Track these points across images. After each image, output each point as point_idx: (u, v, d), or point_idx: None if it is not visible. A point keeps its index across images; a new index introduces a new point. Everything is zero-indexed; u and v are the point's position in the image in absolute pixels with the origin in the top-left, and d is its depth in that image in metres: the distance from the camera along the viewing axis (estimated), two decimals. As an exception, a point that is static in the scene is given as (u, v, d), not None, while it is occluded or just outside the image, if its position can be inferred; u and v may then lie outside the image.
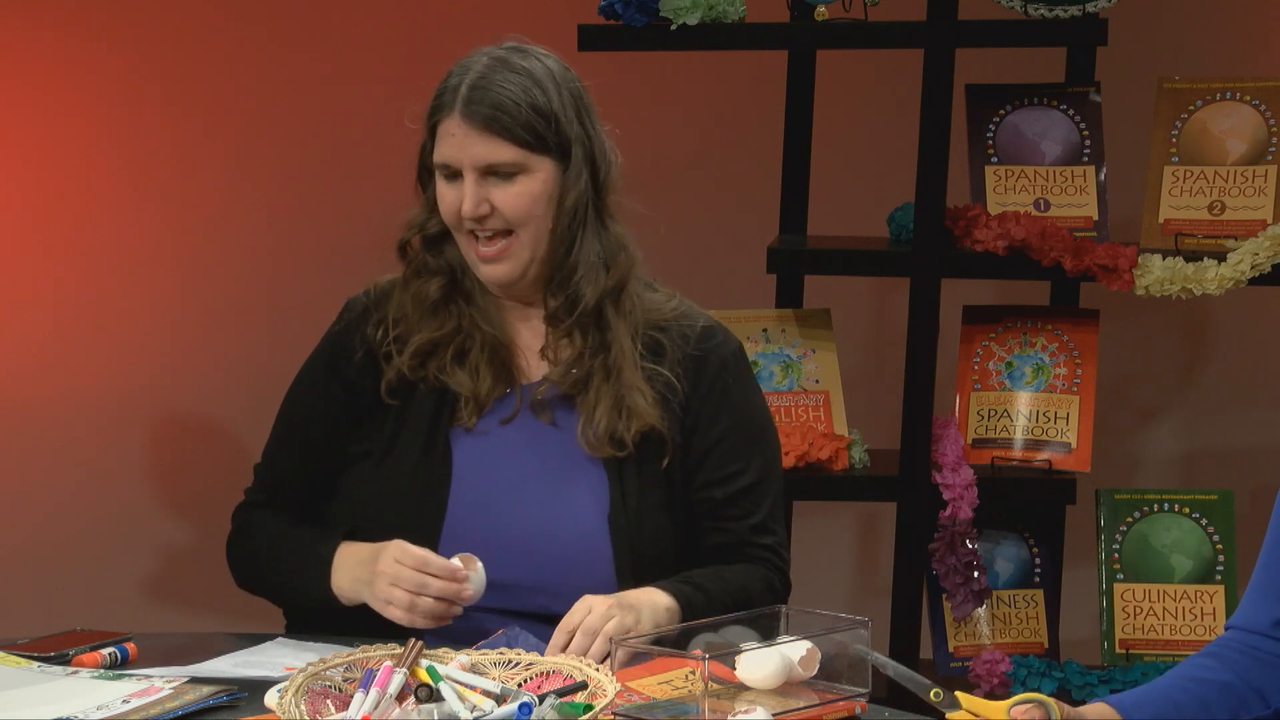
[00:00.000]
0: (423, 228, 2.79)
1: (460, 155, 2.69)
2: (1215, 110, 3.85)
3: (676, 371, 2.76)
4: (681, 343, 2.78)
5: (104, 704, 2.30)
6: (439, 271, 2.77)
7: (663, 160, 4.44)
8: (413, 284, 2.78)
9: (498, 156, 2.69)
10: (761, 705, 2.21)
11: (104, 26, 4.48)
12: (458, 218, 2.71)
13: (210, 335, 4.52)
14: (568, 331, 2.75)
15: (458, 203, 2.70)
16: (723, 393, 2.78)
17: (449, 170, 2.71)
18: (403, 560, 2.60)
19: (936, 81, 3.72)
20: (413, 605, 2.58)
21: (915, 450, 3.79)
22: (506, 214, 2.70)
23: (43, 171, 4.49)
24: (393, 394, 2.76)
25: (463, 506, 2.71)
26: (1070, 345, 3.91)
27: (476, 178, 2.69)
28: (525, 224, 2.71)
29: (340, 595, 2.69)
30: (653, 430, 2.72)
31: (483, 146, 2.69)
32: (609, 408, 2.71)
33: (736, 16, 3.73)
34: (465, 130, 2.69)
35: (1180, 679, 2.37)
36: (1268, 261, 3.71)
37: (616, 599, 2.57)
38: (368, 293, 2.84)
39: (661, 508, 2.73)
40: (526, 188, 2.70)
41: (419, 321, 2.76)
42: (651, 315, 2.79)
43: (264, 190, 4.52)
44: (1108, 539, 3.89)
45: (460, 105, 2.69)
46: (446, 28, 4.43)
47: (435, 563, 2.59)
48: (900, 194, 3.87)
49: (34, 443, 4.52)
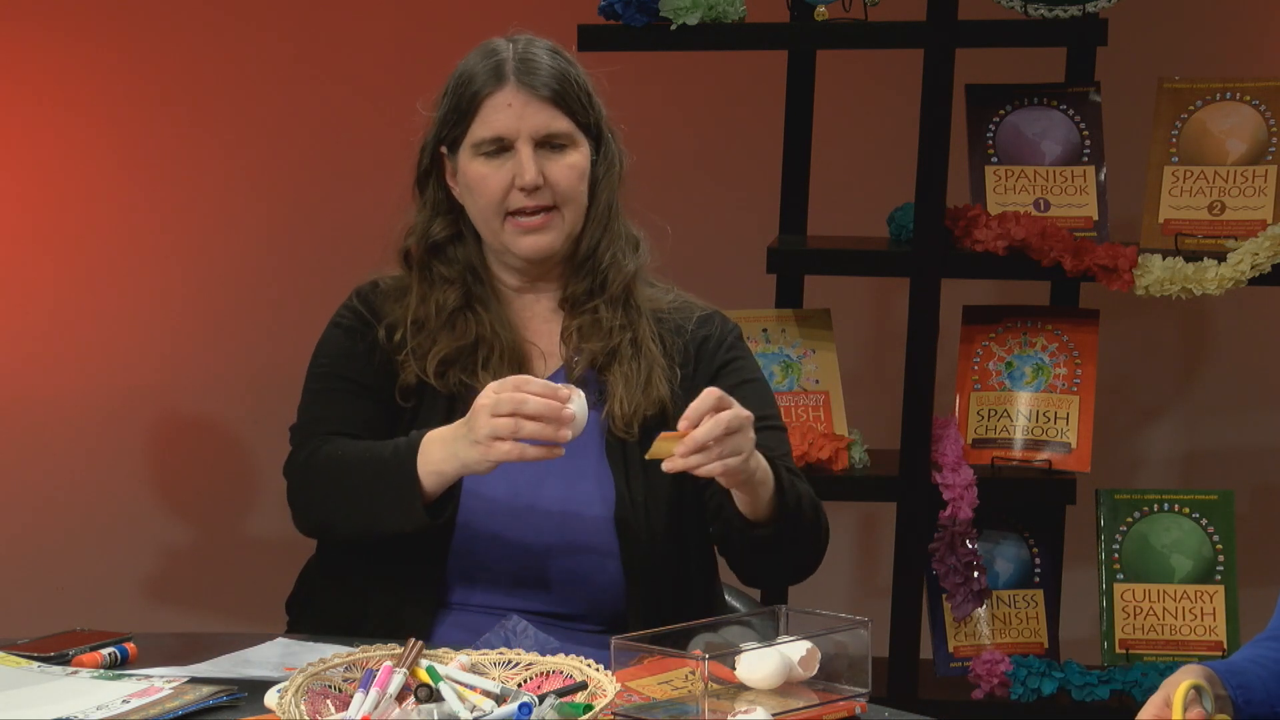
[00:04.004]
0: (427, 233, 2.79)
1: (519, 125, 2.71)
2: (1215, 110, 3.85)
3: (677, 359, 2.77)
4: (681, 331, 2.80)
5: (104, 704, 2.30)
6: (453, 280, 2.78)
7: (663, 160, 4.43)
8: (430, 294, 2.78)
9: (556, 126, 2.72)
10: (761, 705, 2.22)
11: (104, 27, 4.48)
12: (505, 193, 2.71)
13: (211, 335, 4.52)
14: (594, 310, 2.76)
15: (506, 179, 2.71)
16: (731, 363, 2.80)
17: (500, 144, 2.72)
18: (500, 387, 2.53)
19: (936, 81, 3.72)
20: (518, 428, 2.51)
21: (915, 450, 3.79)
22: (558, 185, 2.72)
23: (43, 171, 4.49)
24: (406, 397, 2.76)
25: (475, 505, 2.71)
26: (1070, 345, 3.91)
27: (533, 148, 2.71)
28: (570, 200, 2.73)
29: (433, 470, 2.60)
30: (663, 411, 2.72)
31: (543, 115, 2.71)
32: (638, 385, 2.72)
33: (736, 16, 3.73)
34: (524, 99, 2.71)
35: (1257, 657, 2.30)
36: (1268, 261, 3.71)
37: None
38: (374, 289, 2.84)
39: (665, 499, 2.73)
40: (575, 161, 2.74)
41: (438, 330, 2.76)
42: (652, 307, 2.80)
43: (264, 190, 4.53)
44: (1108, 539, 3.89)
45: (515, 76, 2.72)
46: (447, 28, 4.43)
47: (534, 381, 2.53)
48: (900, 194, 3.87)
49: (34, 442, 4.52)
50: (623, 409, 2.72)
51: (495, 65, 2.73)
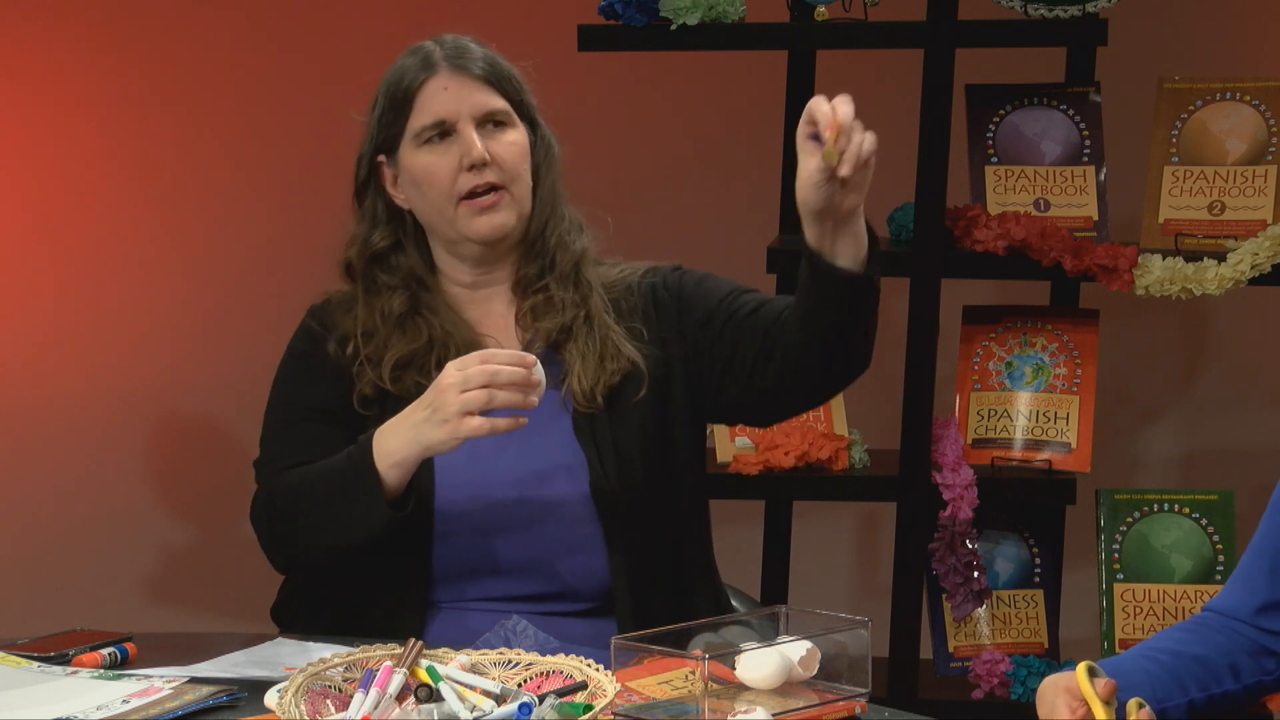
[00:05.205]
0: (368, 243, 2.84)
1: (457, 106, 2.77)
2: (1215, 110, 3.85)
3: (638, 316, 2.81)
4: (631, 290, 2.84)
5: (104, 704, 2.30)
6: (397, 286, 2.81)
7: (663, 160, 4.44)
8: (375, 302, 2.81)
9: (494, 104, 2.79)
10: (761, 705, 2.22)
11: (104, 27, 4.48)
12: (454, 176, 2.76)
13: (210, 335, 4.52)
14: (545, 289, 2.79)
15: (453, 162, 2.76)
16: (684, 279, 2.85)
17: (442, 127, 2.77)
18: (465, 363, 2.57)
19: (936, 81, 3.72)
20: (492, 399, 2.55)
21: (915, 450, 3.79)
22: (504, 161, 2.77)
23: (43, 172, 4.49)
24: (366, 405, 2.77)
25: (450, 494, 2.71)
26: (1070, 345, 3.91)
27: (475, 127, 2.76)
28: (516, 178, 2.78)
29: (393, 463, 2.63)
30: (630, 372, 2.76)
31: (480, 94, 2.78)
32: (595, 358, 2.76)
33: (736, 16, 3.73)
34: (459, 81, 2.78)
35: (1153, 650, 2.34)
36: (1268, 261, 3.71)
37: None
38: (325, 304, 2.87)
39: (639, 465, 2.75)
40: (516, 138, 2.80)
41: (389, 336, 2.79)
42: (601, 281, 2.85)
43: (264, 190, 4.53)
44: (1108, 539, 3.89)
45: (446, 62, 2.79)
46: (447, 28, 4.41)
47: (501, 352, 2.59)
48: (900, 194, 3.87)
49: (34, 442, 4.52)
50: (581, 384, 2.75)
51: (424, 57, 2.81)
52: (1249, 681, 2.34)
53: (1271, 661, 2.36)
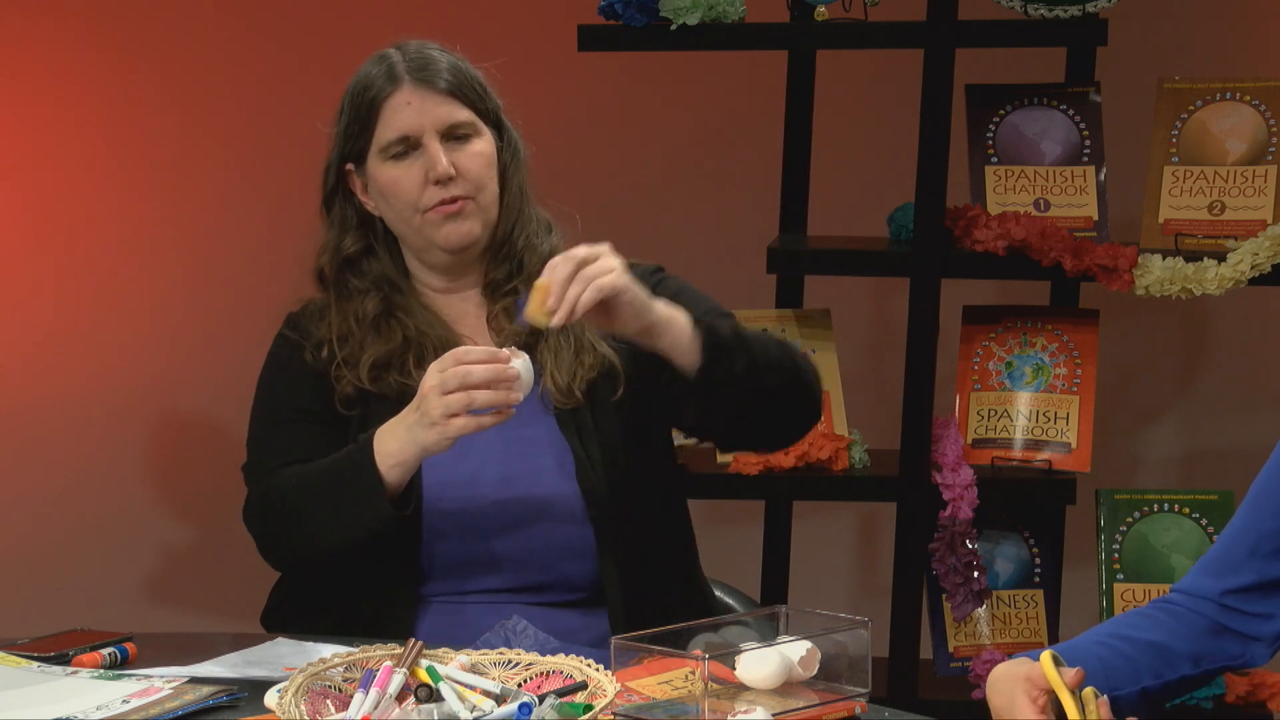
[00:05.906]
0: (338, 249, 2.85)
1: (421, 120, 2.77)
2: (1215, 110, 3.85)
3: None
4: None
5: (104, 704, 2.30)
6: (369, 289, 2.83)
7: (663, 160, 4.44)
8: (348, 306, 2.82)
9: (458, 116, 2.79)
10: (761, 705, 2.22)
11: (104, 27, 4.48)
12: (420, 190, 2.77)
13: (210, 335, 4.52)
14: (514, 292, 2.81)
15: (419, 176, 2.77)
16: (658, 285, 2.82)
17: (407, 143, 2.77)
18: (442, 365, 2.58)
19: (936, 81, 3.72)
20: (471, 400, 2.56)
21: (915, 450, 3.79)
22: (470, 173, 2.77)
23: (43, 171, 4.49)
24: (348, 405, 2.78)
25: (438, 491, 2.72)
26: (1070, 345, 3.91)
27: (439, 141, 2.76)
28: (483, 187, 2.78)
29: (394, 464, 2.64)
30: (607, 371, 2.77)
31: (444, 107, 2.78)
32: (570, 353, 2.77)
33: (736, 16, 3.73)
34: (422, 95, 2.78)
35: (1108, 635, 2.31)
36: (1268, 261, 3.71)
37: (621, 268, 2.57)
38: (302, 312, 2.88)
39: (624, 456, 2.76)
40: (481, 148, 2.80)
41: (364, 338, 2.80)
42: None
43: (264, 190, 4.52)
44: (1108, 539, 3.89)
45: (409, 76, 2.79)
46: (447, 28, 4.39)
47: (474, 350, 2.59)
48: (900, 194, 3.87)
49: (34, 442, 4.51)
50: (557, 382, 2.76)
51: (388, 69, 2.81)
52: (1208, 667, 2.32)
53: (1233, 642, 2.33)
